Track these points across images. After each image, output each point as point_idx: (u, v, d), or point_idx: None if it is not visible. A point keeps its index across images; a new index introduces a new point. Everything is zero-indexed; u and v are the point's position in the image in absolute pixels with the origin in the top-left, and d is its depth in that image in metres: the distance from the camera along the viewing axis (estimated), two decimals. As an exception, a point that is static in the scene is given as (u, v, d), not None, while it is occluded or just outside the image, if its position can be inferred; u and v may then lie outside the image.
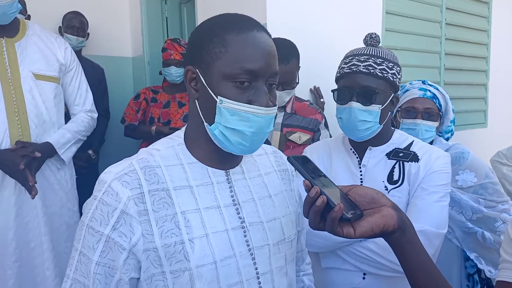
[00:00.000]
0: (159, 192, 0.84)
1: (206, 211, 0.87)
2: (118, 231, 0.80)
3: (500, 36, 3.80)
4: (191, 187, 0.88)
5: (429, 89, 1.89)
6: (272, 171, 1.04)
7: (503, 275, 0.90)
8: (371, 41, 1.35)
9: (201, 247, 0.83)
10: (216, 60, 0.83)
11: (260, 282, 0.91)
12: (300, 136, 2.06)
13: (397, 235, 0.80)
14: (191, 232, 0.84)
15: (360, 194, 0.81)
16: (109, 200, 0.81)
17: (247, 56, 0.83)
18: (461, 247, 1.86)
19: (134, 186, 0.82)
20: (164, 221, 0.83)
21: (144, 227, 0.81)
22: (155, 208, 0.83)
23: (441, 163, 1.32)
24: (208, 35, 0.85)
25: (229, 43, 0.83)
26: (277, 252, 0.95)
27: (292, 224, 1.01)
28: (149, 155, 0.89)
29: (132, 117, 2.92)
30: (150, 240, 0.81)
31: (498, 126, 3.89)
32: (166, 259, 0.82)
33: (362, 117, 1.29)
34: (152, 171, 0.85)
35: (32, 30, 2.04)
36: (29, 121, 1.93)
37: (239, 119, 0.84)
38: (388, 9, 2.85)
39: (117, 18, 3.70)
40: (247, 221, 0.91)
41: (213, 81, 0.84)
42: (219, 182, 0.91)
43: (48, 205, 2.03)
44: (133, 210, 0.80)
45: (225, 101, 0.83)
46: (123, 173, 0.83)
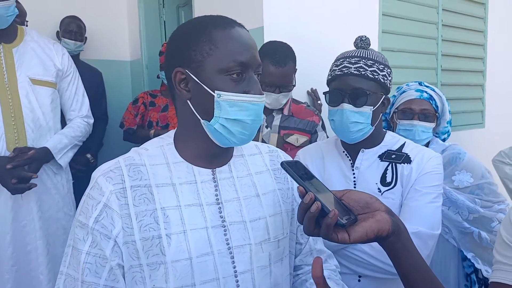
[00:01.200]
0: (141, 188, 0.88)
1: (186, 208, 0.90)
2: (100, 223, 0.84)
3: (496, 37, 3.80)
4: (174, 185, 0.91)
5: (425, 90, 1.90)
6: (265, 170, 1.05)
7: (496, 276, 0.90)
8: (362, 43, 1.37)
9: (178, 242, 0.86)
10: (208, 57, 0.87)
11: (237, 280, 0.92)
12: (298, 138, 2.06)
13: (392, 240, 0.80)
14: (169, 227, 0.87)
15: (353, 199, 0.82)
16: (94, 194, 0.86)
17: (237, 49, 0.88)
18: (458, 247, 1.87)
19: (117, 182, 0.87)
20: (144, 216, 0.86)
21: (124, 221, 0.85)
22: (135, 203, 0.86)
23: (433, 164, 1.32)
24: (192, 36, 0.89)
25: (217, 39, 0.88)
26: (260, 252, 0.96)
27: (281, 224, 1.02)
28: (137, 154, 0.93)
29: (131, 121, 2.93)
30: (130, 234, 0.85)
31: (495, 127, 3.89)
32: (143, 252, 0.85)
33: (354, 119, 1.30)
34: (136, 169, 0.90)
35: (30, 36, 2.06)
36: (25, 126, 1.95)
37: (238, 109, 0.88)
38: (384, 11, 2.86)
39: (115, 22, 3.72)
40: (228, 220, 0.93)
41: (207, 77, 0.88)
42: (204, 181, 0.94)
43: (45, 210, 2.04)
44: (115, 204, 0.85)
45: (222, 94, 0.87)
46: (109, 169, 0.89)
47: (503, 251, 0.91)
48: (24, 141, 1.94)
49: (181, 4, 3.68)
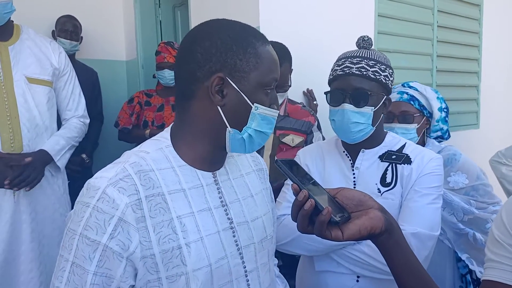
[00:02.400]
0: (155, 197, 0.84)
1: (199, 214, 0.89)
2: (116, 239, 0.79)
3: (491, 38, 3.83)
4: (184, 191, 0.89)
5: (406, 91, 1.91)
6: (251, 171, 1.08)
7: (489, 274, 0.91)
8: (364, 43, 1.37)
9: (197, 250, 0.85)
10: (254, 70, 0.89)
11: (248, 279, 0.95)
12: (293, 138, 2.06)
13: (384, 237, 0.81)
14: (187, 236, 0.85)
15: (347, 196, 0.82)
16: (105, 208, 0.79)
17: (274, 66, 0.93)
18: (453, 248, 1.87)
19: (131, 193, 0.81)
20: (161, 227, 0.83)
21: (141, 234, 0.80)
22: (152, 214, 0.82)
23: (433, 165, 1.32)
24: (239, 45, 0.88)
25: (260, 54, 0.90)
26: (262, 250, 1.00)
27: (271, 222, 1.06)
28: (141, 158, 0.88)
29: (126, 121, 2.92)
30: (148, 247, 0.81)
31: (490, 127, 3.91)
32: (163, 265, 0.82)
33: (354, 119, 1.30)
34: (146, 176, 0.85)
35: (26, 34, 2.04)
36: (21, 125, 1.92)
37: (267, 122, 0.92)
38: (380, 11, 2.87)
39: (110, 22, 3.70)
40: (235, 221, 0.95)
41: (249, 89, 0.89)
42: (208, 184, 0.94)
43: (40, 211, 2.01)
44: (131, 218, 0.80)
45: (260, 107, 0.90)
46: (117, 178, 0.81)
47: (495, 249, 0.91)
48: (19, 141, 1.92)
49: (177, 4, 3.67)
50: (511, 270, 0.88)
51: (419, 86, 1.95)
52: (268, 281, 1.01)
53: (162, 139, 0.95)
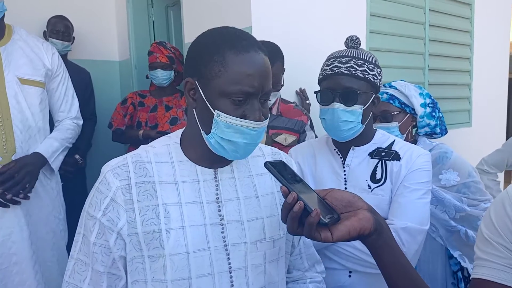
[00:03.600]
0: (145, 185, 0.93)
1: (187, 206, 0.94)
2: (107, 216, 0.91)
3: (482, 37, 3.86)
4: (177, 183, 0.96)
5: (386, 91, 1.93)
6: (266, 172, 1.06)
7: (478, 272, 0.91)
8: (352, 43, 1.38)
9: (176, 237, 0.91)
10: (216, 78, 0.89)
11: (232, 276, 0.96)
12: (286, 137, 2.07)
13: (374, 238, 0.81)
14: (169, 222, 0.92)
15: (336, 198, 0.83)
16: (102, 189, 0.93)
17: (244, 78, 0.88)
18: (445, 246, 1.89)
19: (123, 178, 0.93)
20: (146, 211, 0.92)
21: (128, 215, 0.91)
22: (139, 199, 0.92)
23: (422, 161, 1.35)
24: (208, 51, 0.90)
25: (228, 63, 0.88)
26: (255, 251, 0.99)
27: (278, 225, 1.04)
28: (144, 151, 0.99)
29: (119, 121, 2.91)
30: (133, 227, 0.91)
31: (482, 125, 3.94)
32: (145, 244, 0.91)
33: (344, 118, 1.32)
34: (142, 166, 0.95)
35: (18, 35, 2.02)
36: (13, 127, 1.90)
37: (234, 131, 0.91)
38: (372, 11, 2.88)
39: (103, 22, 3.69)
40: (226, 218, 0.97)
41: (211, 96, 0.90)
42: (206, 180, 0.98)
43: (33, 213, 1.99)
44: (121, 199, 0.91)
45: (221, 115, 0.90)
46: (117, 165, 0.95)
47: (484, 247, 0.91)
48: (12, 143, 1.90)
49: (170, 4, 3.66)
50: (500, 268, 0.88)
51: (400, 85, 1.95)
52: (261, 284, 1.00)
53: (173, 137, 1.03)
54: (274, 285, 1.04)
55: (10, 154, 1.90)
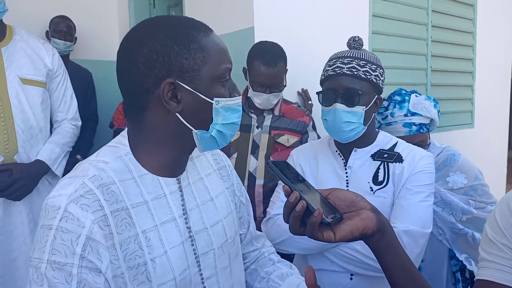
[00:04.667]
0: (120, 212, 0.80)
1: (162, 227, 0.86)
2: (87, 259, 0.73)
3: (485, 38, 3.84)
4: (147, 203, 0.85)
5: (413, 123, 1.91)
6: (212, 171, 1.04)
7: (482, 274, 0.91)
8: (355, 44, 1.38)
9: (162, 265, 0.83)
10: (203, 65, 0.83)
11: (205, 287, 0.92)
12: (288, 138, 2.06)
13: (377, 238, 0.80)
14: (152, 251, 0.82)
15: (339, 197, 0.82)
16: (70, 227, 0.73)
17: (224, 56, 0.88)
18: (451, 248, 1.88)
19: (96, 209, 0.76)
20: (128, 244, 0.79)
21: (111, 253, 0.76)
22: (118, 230, 0.79)
23: (424, 163, 1.34)
24: (180, 42, 0.82)
25: (206, 47, 0.84)
26: (221, 254, 0.97)
27: (233, 223, 1.03)
28: (100, 170, 0.82)
29: (121, 121, 2.90)
30: (118, 266, 0.77)
31: (484, 127, 3.93)
32: (130, 283, 0.79)
33: (346, 119, 1.31)
34: (109, 189, 0.80)
35: (19, 36, 2.02)
36: (15, 127, 1.91)
37: (232, 112, 0.88)
38: (374, 12, 2.88)
39: (105, 22, 3.68)
40: (193, 229, 0.92)
41: (203, 86, 0.84)
42: (172, 192, 0.90)
43: (36, 213, 2.00)
44: (99, 235, 0.75)
45: (221, 100, 0.86)
46: (78, 194, 0.76)
47: (489, 248, 0.91)
48: (14, 142, 1.91)
49: (172, 4, 3.66)
50: (505, 269, 0.87)
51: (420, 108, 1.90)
52: (229, 284, 0.99)
53: (120, 145, 0.89)
54: (237, 280, 1.04)
55: (12, 154, 1.91)
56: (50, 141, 2.08)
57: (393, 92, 1.98)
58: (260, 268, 1.16)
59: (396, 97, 1.93)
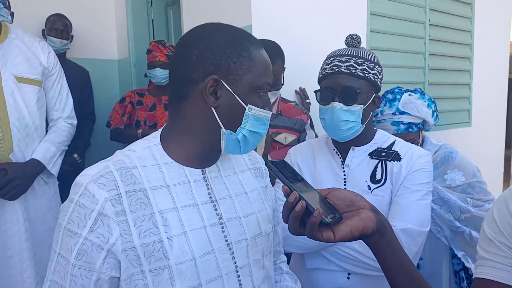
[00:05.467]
0: (136, 193, 0.87)
1: (183, 209, 0.90)
2: (96, 232, 0.82)
3: (483, 36, 3.84)
4: (168, 187, 0.91)
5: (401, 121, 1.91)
6: (246, 169, 1.09)
7: (481, 272, 0.90)
8: (352, 42, 1.37)
9: (180, 244, 0.87)
10: (247, 73, 0.91)
11: (239, 275, 0.95)
12: (286, 136, 2.06)
13: (376, 238, 0.80)
14: (169, 230, 0.86)
15: (339, 197, 0.82)
16: (86, 203, 0.83)
17: (267, 70, 0.95)
18: (450, 246, 1.89)
19: (110, 188, 0.84)
20: (142, 221, 0.85)
21: (122, 227, 0.83)
22: (132, 209, 0.85)
23: (422, 161, 1.33)
24: (233, 48, 0.91)
25: (254, 58, 0.92)
26: (254, 246, 0.99)
27: (268, 219, 1.06)
28: (125, 156, 0.91)
29: (118, 120, 2.90)
30: (129, 240, 0.83)
31: (482, 125, 3.93)
32: (145, 258, 0.84)
33: (344, 117, 1.30)
34: (128, 172, 0.88)
35: (14, 34, 2.01)
36: (10, 125, 1.89)
37: (260, 123, 0.95)
38: (372, 10, 2.87)
39: (102, 20, 3.68)
40: (224, 217, 0.96)
41: (242, 91, 0.91)
42: (196, 180, 0.95)
43: (31, 211, 1.99)
44: (110, 211, 0.83)
45: (254, 108, 0.92)
46: (99, 175, 0.85)
47: (486, 247, 0.91)
48: (9, 141, 1.90)
49: (169, 2, 3.65)
50: (502, 268, 0.87)
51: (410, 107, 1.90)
52: (261, 278, 1.01)
53: (151, 138, 0.98)
54: (270, 278, 1.06)
55: (7, 152, 1.90)
56: (45, 139, 2.07)
57: (387, 90, 1.98)
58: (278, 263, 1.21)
59: (389, 95, 1.93)
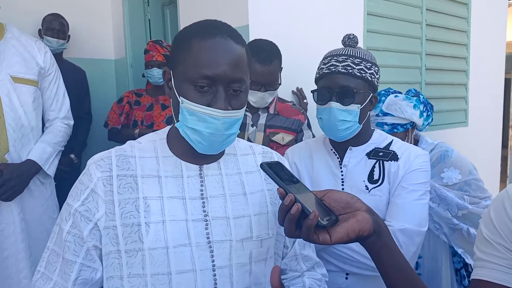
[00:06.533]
0: (127, 178, 0.94)
1: (169, 200, 0.94)
2: (85, 205, 0.92)
3: (479, 37, 3.86)
4: (160, 177, 0.96)
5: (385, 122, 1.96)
6: (255, 170, 1.06)
7: (478, 273, 0.90)
8: (349, 41, 1.37)
9: (155, 231, 0.90)
10: (181, 64, 0.91)
11: (215, 274, 0.94)
12: (283, 137, 2.06)
13: (373, 239, 0.80)
14: (148, 216, 0.91)
15: (334, 199, 0.81)
16: (84, 180, 0.94)
17: (205, 62, 0.88)
18: (449, 243, 1.89)
19: (105, 170, 0.94)
20: (126, 203, 0.92)
21: (107, 206, 0.91)
22: (120, 191, 0.93)
23: (420, 161, 1.33)
24: (180, 40, 0.94)
25: (192, 48, 0.90)
26: (240, 249, 0.96)
27: (267, 224, 1.01)
28: (129, 146, 1.00)
29: (115, 120, 2.89)
30: (111, 219, 0.91)
31: (478, 125, 3.94)
32: (122, 238, 0.90)
33: (341, 117, 1.30)
34: (125, 159, 0.96)
35: (10, 33, 2.00)
36: (6, 125, 1.88)
37: (197, 119, 0.90)
38: (369, 10, 2.87)
39: (99, 20, 3.66)
40: (210, 215, 0.96)
41: (178, 83, 0.92)
42: (190, 176, 0.98)
43: (27, 212, 1.98)
44: (101, 190, 0.92)
45: (185, 101, 0.90)
46: (100, 158, 0.96)
47: (484, 248, 0.90)
48: (5, 142, 1.88)
49: (166, 2, 3.65)
50: (500, 269, 0.87)
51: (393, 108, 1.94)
52: (246, 284, 0.97)
53: (161, 133, 1.04)
54: (260, 286, 1.01)
55: (3, 153, 1.89)
56: (41, 140, 2.06)
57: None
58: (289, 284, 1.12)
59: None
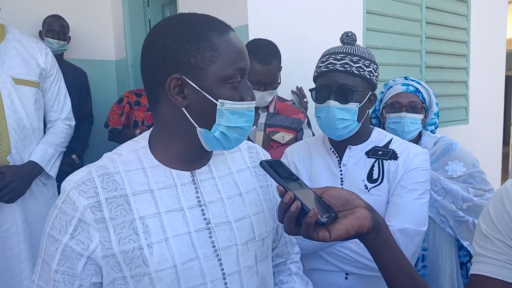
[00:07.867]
0: (117, 199, 0.85)
1: (167, 215, 0.87)
2: (76, 239, 0.82)
3: (479, 34, 3.85)
4: (152, 191, 0.88)
5: (411, 84, 1.95)
6: (245, 168, 1.03)
7: (477, 269, 0.90)
8: (348, 39, 1.35)
9: (160, 251, 0.84)
10: (211, 64, 0.84)
11: (226, 282, 0.91)
12: (283, 135, 2.06)
13: (372, 236, 0.80)
14: (149, 237, 0.84)
15: (334, 196, 0.81)
16: (67, 209, 0.83)
17: (237, 56, 0.87)
18: (455, 236, 1.89)
19: (90, 195, 0.83)
20: (122, 228, 0.84)
21: (101, 234, 0.82)
22: (112, 216, 0.83)
23: (419, 160, 1.32)
24: (191, 40, 0.84)
25: (217, 46, 0.85)
26: (246, 252, 0.94)
27: (265, 222, 1.00)
28: (110, 161, 0.89)
29: (116, 121, 2.90)
30: (108, 247, 0.82)
31: (479, 123, 3.93)
32: (125, 265, 0.83)
33: (340, 116, 1.30)
34: (110, 178, 0.86)
35: (11, 35, 2.00)
36: (8, 127, 1.88)
37: (239, 116, 0.88)
38: (368, 8, 2.87)
39: (99, 21, 3.67)
40: (212, 222, 0.91)
41: (209, 85, 0.85)
42: (184, 184, 0.91)
43: (29, 213, 1.99)
44: (90, 218, 0.82)
45: (226, 102, 0.86)
46: (81, 181, 0.84)
47: (482, 243, 0.91)
48: (7, 143, 1.88)
49: (166, 2, 3.65)
50: (499, 264, 0.87)
51: (417, 80, 2.00)
52: (255, 285, 0.96)
53: (140, 140, 0.95)
54: (266, 284, 1.01)
55: (5, 154, 1.89)
56: (43, 141, 2.06)
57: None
58: (276, 274, 1.14)
59: None
